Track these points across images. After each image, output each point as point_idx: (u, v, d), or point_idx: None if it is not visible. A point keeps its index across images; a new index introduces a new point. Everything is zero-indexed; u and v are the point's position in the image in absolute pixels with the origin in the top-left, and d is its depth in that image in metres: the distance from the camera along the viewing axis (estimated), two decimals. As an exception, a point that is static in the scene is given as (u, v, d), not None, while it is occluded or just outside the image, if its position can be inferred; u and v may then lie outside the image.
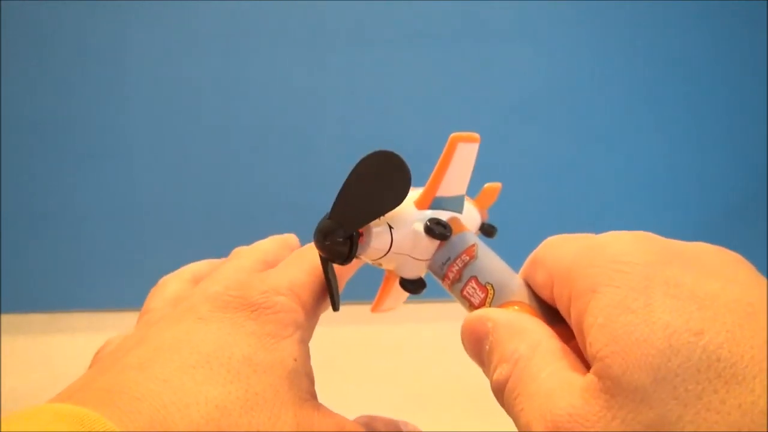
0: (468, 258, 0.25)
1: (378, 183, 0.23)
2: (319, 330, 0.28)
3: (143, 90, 0.79)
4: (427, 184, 0.26)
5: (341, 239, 0.24)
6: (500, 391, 0.19)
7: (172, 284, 0.27)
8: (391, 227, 0.25)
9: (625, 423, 0.15)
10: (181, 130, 0.80)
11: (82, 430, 0.16)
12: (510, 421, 0.20)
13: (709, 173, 0.82)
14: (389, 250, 0.25)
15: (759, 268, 0.18)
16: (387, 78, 0.80)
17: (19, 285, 0.77)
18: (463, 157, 0.25)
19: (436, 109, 0.81)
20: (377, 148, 0.22)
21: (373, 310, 0.30)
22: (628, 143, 0.82)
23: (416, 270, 0.26)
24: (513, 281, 0.24)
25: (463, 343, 0.22)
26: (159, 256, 0.78)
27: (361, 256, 0.25)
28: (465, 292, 0.25)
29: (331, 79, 0.79)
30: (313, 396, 0.22)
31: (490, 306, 0.23)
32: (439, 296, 0.87)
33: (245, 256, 0.27)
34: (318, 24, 0.81)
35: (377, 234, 0.25)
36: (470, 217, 0.29)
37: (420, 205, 0.26)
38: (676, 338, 0.15)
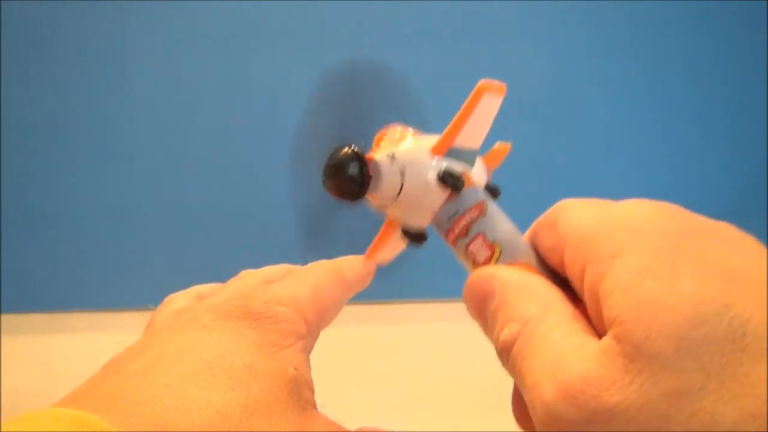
0: (477, 213, 0.24)
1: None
2: (319, 330, 0.28)
3: (143, 90, 0.79)
4: (445, 131, 0.25)
5: (354, 173, 0.23)
6: (506, 352, 0.19)
7: (178, 300, 0.27)
8: (402, 171, 0.24)
9: (642, 389, 0.14)
10: (181, 131, 0.80)
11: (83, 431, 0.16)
12: (510, 421, 0.20)
13: (709, 173, 0.82)
14: (399, 194, 0.24)
15: None
16: (387, 78, 0.80)
17: (19, 285, 0.77)
18: (487, 108, 0.25)
19: (435, 109, 0.81)
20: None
21: (367, 257, 0.29)
22: (628, 143, 0.82)
23: (421, 220, 0.25)
24: (520, 242, 0.23)
25: (465, 301, 0.22)
26: (159, 256, 0.78)
27: (370, 197, 0.25)
28: (470, 249, 0.24)
29: (331, 80, 0.79)
30: (313, 405, 0.22)
31: (495, 265, 0.23)
32: (439, 296, 0.87)
33: (251, 275, 0.27)
34: (318, 24, 0.81)
35: (389, 174, 0.24)
36: (479, 173, 0.28)
37: (436, 151, 0.25)
38: (703, 308, 0.15)
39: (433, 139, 0.25)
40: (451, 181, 0.24)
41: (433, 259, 0.81)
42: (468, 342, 0.75)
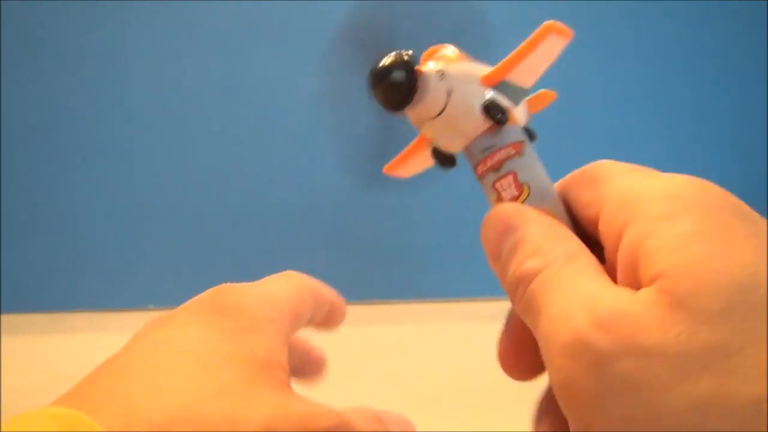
0: (513, 152, 0.24)
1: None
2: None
3: (143, 90, 0.79)
4: (501, 63, 0.25)
5: (401, 78, 0.24)
6: (525, 282, 0.18)
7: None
8: (450, 91, 0.24)
9: (681, 336, 0.15)
10: (181, 131, 0.80)
11: (62, 429, 0.17)
12: (510, 421, 0.20)
13: (710, 173, 0.82)
14: (441, 112, 0.24)
15: None
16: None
17: (19, 285, 0.77)
18: (549, 49, 0.25)
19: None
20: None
21: (386, 169, 0.29)
22: (628, 143, 0.82)
23: (455, 144, 0.25)
24: (550, 190, 0.23)
25: (483, 228, 0.22)
26: (159, 256, 0.78)
27: (410, 110, 0.25)
28: (498, 185, 0.24)
29: (331, 80, 0.79)
30: (287, 385, 0.23)
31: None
32: (439, 296, 0.87)
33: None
34: (318, 24, 0.81)
35: (435, 90, 0.24)
36: (522, 113, 0.27)
37: (486, 81, 0.25)
38: (756, 278, 0.15)
39: (485, 69, 0.25)
40: (495, 114, 0.24)
41: (434, 259, 0.81)
42: (468, 342, 0.75)
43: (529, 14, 0.82)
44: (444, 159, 0.26)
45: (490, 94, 0.25)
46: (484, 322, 0.74)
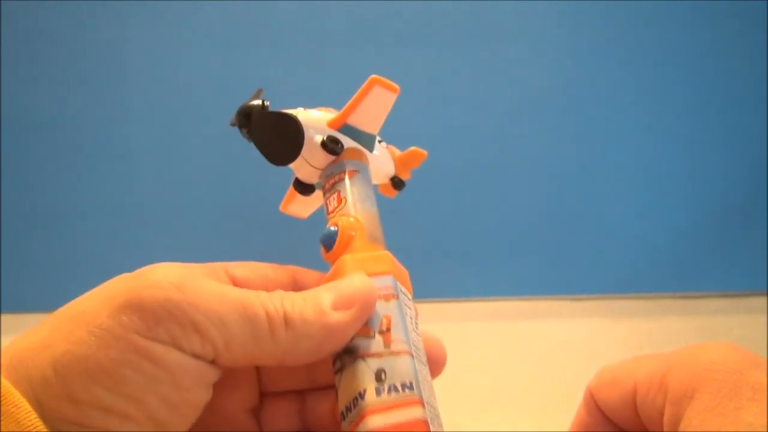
0: (345, 177, 0.30)
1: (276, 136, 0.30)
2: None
3: (143, 90, 0.79)
4: (341, 109, 0.31)
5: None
6: None
7: None
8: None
9: None
10: (181, 131, 0.80)
11: None
12: (509, 421, 0.20)
13: (710, 173, 0.82)
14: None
15: (759, 268, 0.18)
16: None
17: (19, 285, 0.77)
18: (379, 99, 0.31)
19: (435, 109, 0.81)
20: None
21: (282, 209, 0.37)
22: (628, 143, 0.82)
23: (310, 175, 0.32)
24: (368, 203, 0.29)
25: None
26: (159, 257, 0.78)
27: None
28: (328, 201, 0.30)
29: (331, 80, 0.79)
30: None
31: (336, 214, 0.29)
32: (438, 296, 0.86)
33: None
34: (318, 24, 0.81)
35: None
36: (381, 161, 0.34)
37: (331, 125, 0.31)
38: None
39: (333, 115, 0.31)
40: (330, 146, 0.30)
41: (434, 259, 0.81)
42: (468, 342, 0.75)
43: (530, 14, 0.81)
44: (303, 188, 0.33)
45: (329, 132, 0.31)
46: (483, 322, 0.74)
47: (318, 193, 0.33)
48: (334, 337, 0.24)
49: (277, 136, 0.31)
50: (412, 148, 0.38)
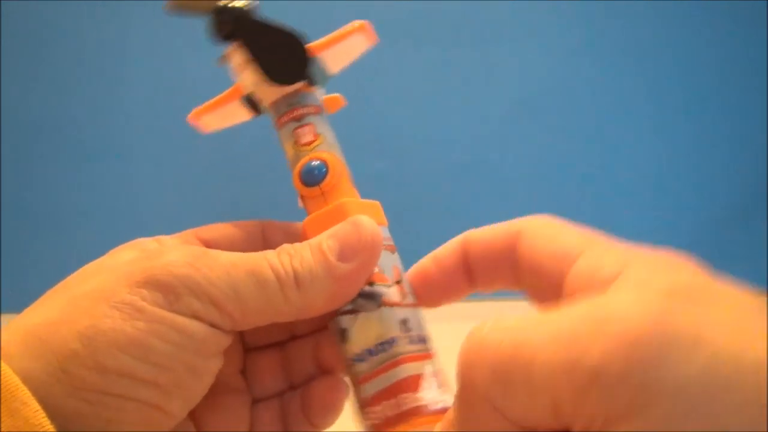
0: (314, 110, 0.29)
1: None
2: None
3: (143, 90, 0.79)
4: (320, 40, 0.31)
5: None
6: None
7: None
8: None
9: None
10: (181, 131, 0.80)
11: None
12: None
13: (710, 173, 0.82)
14: None
15: (759, 268, 0.18)
16: (387, 78, 0.80)
17: (19, 285, 0.77)
18: (356, 45, 0.31)
19: (436, 109, 0.81)
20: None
21: (191, 117, 0.36)
22: (628, 143, 0.82)
23: (268, 95, 0.30)
24: (338, 146, 0.28)
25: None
26: (159, 256, 0.78)
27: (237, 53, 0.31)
28: (299, 131, 0.28)
29: (331, 80, 0.79)
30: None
31: (313, 148, 0.28)
32: (439, 296, 0.84)
33: None
34: (319, 24, 0.81)
35: None
36: (319, 94, 0.33)
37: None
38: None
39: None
40: (317, 74, 0.30)
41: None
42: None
43: (530, 14, 0.82)
44: (254, 107, 0.32)
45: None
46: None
47: (234, 111, 0.33)
48: (346, 288, 0.24)
49: (282, 53, 0.30)
50: (335, 94, 0.36)
